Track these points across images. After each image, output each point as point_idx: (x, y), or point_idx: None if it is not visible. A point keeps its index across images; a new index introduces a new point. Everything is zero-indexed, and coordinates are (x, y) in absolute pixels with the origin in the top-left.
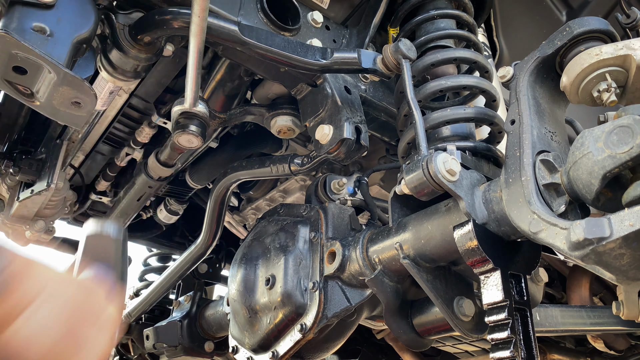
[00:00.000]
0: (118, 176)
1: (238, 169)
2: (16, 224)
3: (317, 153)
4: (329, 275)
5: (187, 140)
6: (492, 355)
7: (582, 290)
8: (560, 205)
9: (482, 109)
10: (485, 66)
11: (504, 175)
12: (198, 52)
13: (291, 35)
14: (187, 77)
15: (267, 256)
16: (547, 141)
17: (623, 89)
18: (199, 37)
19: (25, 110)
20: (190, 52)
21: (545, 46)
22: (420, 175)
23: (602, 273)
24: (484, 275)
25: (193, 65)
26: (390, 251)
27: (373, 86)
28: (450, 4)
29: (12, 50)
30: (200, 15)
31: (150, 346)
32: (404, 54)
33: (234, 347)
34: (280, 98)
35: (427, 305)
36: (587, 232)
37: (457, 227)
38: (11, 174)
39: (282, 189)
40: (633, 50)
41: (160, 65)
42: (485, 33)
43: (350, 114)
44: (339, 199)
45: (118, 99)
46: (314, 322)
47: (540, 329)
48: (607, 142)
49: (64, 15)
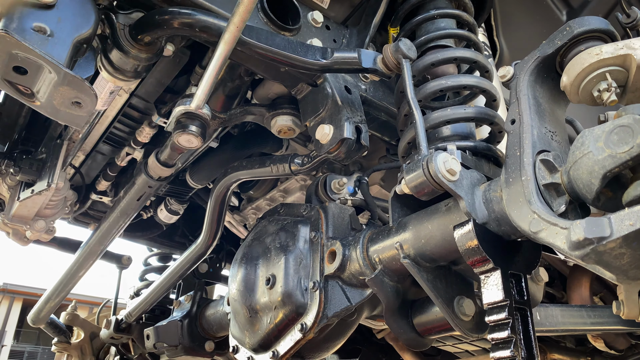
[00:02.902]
0: (118, 176)
1: (238, 168)
2: (16, 223)
3: (317, 153)
4: (330, 274)
5: (187, 140)
6: (493, 355)
7: (583, 289)
8: (561, 205)
9: (483, 109)
10: (485, 66)
11: (504, 174)
12: (223, 59)
13: (291, 35)
14: (202, 79)
15: (267, 256)
16: (547, 141)
17: (623, 89)
18: (230, 45)
19: (25, 110)
20: (215, 57)
21: (545, 46)
22: (421, 174)
23: (602, 273)
24: (484, 275)
25: (214, 69)
26: (391, 251)
27: (373, 86)
28: (451, 4)
29: (12, 50)
30: (239, 25)
31: (151, 346)
32: (404, 53)
33: (234, 346)
34: (280, 98)
35: (427, 305)
36: (588, 231)
37: (458, 226)
38: (12, 174)
39: (282, 189)
40: (633, 50)
41: (160, 65)
42: (486, 33)
43: (351, 114)
44: (339, 199)
45: (118, 99)
46: (314, 322)
47: (540, 328)
48: (608, 141)
49: (64, 15)
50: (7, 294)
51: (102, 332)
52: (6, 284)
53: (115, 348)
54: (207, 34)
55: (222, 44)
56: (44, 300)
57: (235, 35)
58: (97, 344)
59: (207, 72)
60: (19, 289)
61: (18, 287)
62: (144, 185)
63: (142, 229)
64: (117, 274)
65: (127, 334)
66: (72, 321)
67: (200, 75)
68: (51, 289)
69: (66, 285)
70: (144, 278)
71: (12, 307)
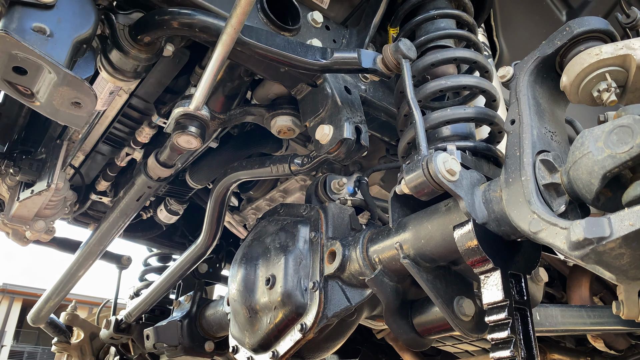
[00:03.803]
0: (118, 176)
1: (238, 169)
2: (16, 224)
3: (317, 153)
4: (329, 275)
5: (186, 141)
6: (492, 355)
7: (582, 290)
8: (560, 205)
9: (482, 109)
10: (485, 66)
11: (504, 175)
12: (221, 60)
13: (291, 35)
14: (201, 81)
15: (267, 256)
16: (547, 141)
17: (623, 89)
18: (227, 46)
19: (25, 110)
20: (213, 59)
21: (545, 46)
22: (420, 175)
23: (602, 273)
24: (484, 275)
25: (212, 71)
26: (391, 251)
27: (373, 86)
28: (450, 4)
29: (12, 51)
30: (236, 27)
31: (151, 346)
32: (404, 53)
33: (234, 346)
34: (280, 98)
35: (427, 305)
36: (587, 231)
37: (457, 226)
38: (11, 174)
39: (282, 189)
40: (633, 50)
41: (160, 65)
42: (485, 33)
43: (351, 114)
44: (339, 199)
45: (118, 99)
46: (314, 322)
47: (540, 328)
48: (607, 141)
49: (64, 16)
50: (7, 294)
51: (102, 332)
52: (6, 284)
53: (115, 348)
54: (206, 34)
55: (220, 45)
56: (44, 300)
57: (233, 37)
58: (97, 344)
59: (205, 73)
60: (19, 289)
61: (18, 287)
62: (143, 186)
63: (142, 229)
64: (117, 274)
65: (126, 334)
66: (72, 321)
67: (200, 75)
68: (51, 289)
69: (66, 285)
70: (144, 278)
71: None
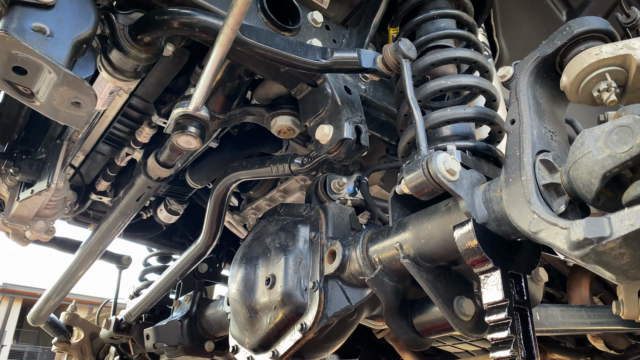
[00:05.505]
0: (118, 176)
1: (238, 169)
2: (16, 224)
3: (317, 153)
4: (329, 274)
5: (185, 141)
6: (492, 355)
7: (582, 289)
8: (560, 205)
9: (482, 109)
10: (485, 66)
11: (504, 174)
12: (219, 61)
13: (291, 35)
14: (199, 82)
15: (267, 256)
16: (547, 141)
17: (623, 89)
18: (225, 47)
19: (25, 110)
20: (211, 60)
21: (545, 46)
22: (420, 174)
23: (602, 273)
24: (484, 275)
25: (210, 72)
26: (390, 251)
27: (373, 86)
28: (450, 4)
29: (12, 51)
30: (233, 27)
31: (151, 346)
32: (404, 53)
33: (234, 346)
34: (280, 98)
35: (427, 305)
36: (587, 231)
37: (457, 226)
38: (11, 174)
39: (282, 189)
40: (633, 50)
41: (160, 65)
42: (485, 33)
43: (351, 114)
44: (339, 199)
45: (118, 99)
46: (314, 322)
47: (540, 328)
48: (607, 141)
49: (64, 16)
50: (7, 294)
51: (102, 332)
52: (6, 284)
53: (115, 348)
54: (206, 34)
55: (217, 46)
56: (44, 299)
57: (230, 37)
58: (97, 344)
59: (204, 74)
60: (19, 289)
61: (18, 287)
62: (143, 186)
63: (142, 229)
64: (117, 274)
65: (126, 334)
66: (72, 321)
67: (200, 75)
68: (51, 289)
69: (66, 285)
70: (144, 278)
71: (12, 307)
